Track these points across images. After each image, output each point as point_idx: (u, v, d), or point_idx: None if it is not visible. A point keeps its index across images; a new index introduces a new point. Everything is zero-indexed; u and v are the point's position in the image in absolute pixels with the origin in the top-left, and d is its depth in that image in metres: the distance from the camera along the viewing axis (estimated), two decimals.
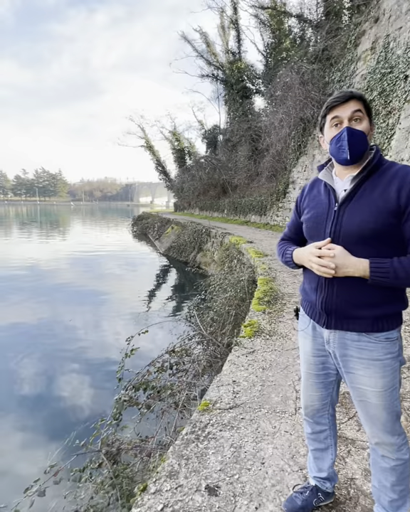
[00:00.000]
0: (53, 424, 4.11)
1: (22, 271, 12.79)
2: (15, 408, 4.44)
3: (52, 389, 4.87)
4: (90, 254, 16.79)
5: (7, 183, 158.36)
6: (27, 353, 6.00)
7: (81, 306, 8.79)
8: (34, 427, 4.07)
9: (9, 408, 4.44)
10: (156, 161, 33.77)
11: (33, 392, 4.79)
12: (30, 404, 4.52)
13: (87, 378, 5.18)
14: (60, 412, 4.34)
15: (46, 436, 3.88)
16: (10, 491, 2.94)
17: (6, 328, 7.17)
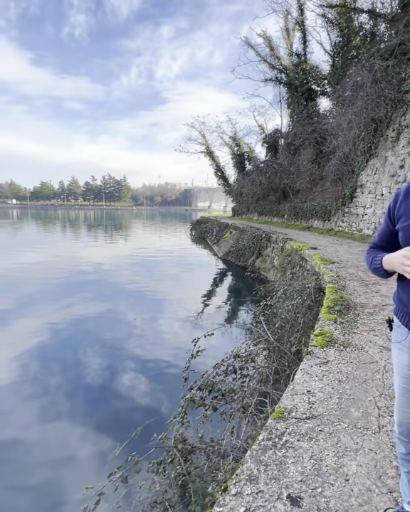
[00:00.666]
0: (118, 415, 4.34)
1: (88, 271, 13.77)
2: (83, 399, 4.76)
3: (116, 382, 5.15)
4: (149, 257, 17.52)
5: (78, 189, 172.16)
6: (93, 347, 6.43)
7: (141, 306, 9.20)
8: (101, 417, 4.31)
9: (78, 398, 4.77)
10: (215, 166, 34.25)
11: (98, 384, 5.11)
12: (97, 396, 4.81)
13: (149, 375, 5.39)
14: (124, 404, 4.56)
15: (113, 426, 4.09)
16: (91, 474, 3.18)
17: (74, 323, 7.75)
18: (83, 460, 3.52)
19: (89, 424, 4.14)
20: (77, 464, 3.46)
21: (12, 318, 8.16)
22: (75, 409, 4.46)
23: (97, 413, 4.37)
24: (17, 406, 4.49)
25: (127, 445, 3.45)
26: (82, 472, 3.36)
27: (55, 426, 4.08)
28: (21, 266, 14.51)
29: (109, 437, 3.85)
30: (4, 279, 12.02)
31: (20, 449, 3.66)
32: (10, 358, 5.92)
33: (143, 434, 3.66)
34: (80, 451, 3.65)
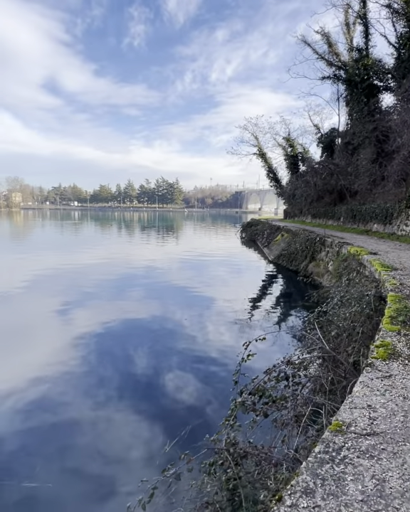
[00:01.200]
0: (167, 412, 4.44)
1: (140, 270, 14.31)
2: (133, 393, 4.93)
3: (165, 379, 5.27)
4: (199, 258, 17.74)
5: (133, 191, 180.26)
6: (144, 344, 6.65)
7: (190, 306, 9.33)
8: (150, 412, 4.44)
9: (128, 392, 4.96)
10: (267, 168, 33.76)
11: (148, 380, 5.26)
12: (146, 391, 4.96)
13: (197, 375, 5.44)
14: (172, 402, 4.65)
15: (162, 423, 4.19)
16: (142, 467, 3.30)
17: (127, 319, 8.09)
18: (135, 452, 3.65)
19: (139, 418, 4.28)
20: (130, 455, 3.60)
21: (72, 312, 8.75)
22: (127, 402, 4.64)
23: (147, 408, 4.51)
24: (75, 394, 4.79)
25: (176, 443, 3.53)
26: (134, 464, 3.49)
27: (108, 417, 4.29)
28: (81, 264, 15.52)
29: (159, 433, 3.96)
30: (67, 277, 12.94)
31: (78, 436, 3.90)
32: (69, 349, 6.34)
33: (191, 433, 3.71)
34: (132, 443, 3.79)
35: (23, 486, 3.01)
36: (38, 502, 2.92)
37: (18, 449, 3.66)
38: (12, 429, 3.96)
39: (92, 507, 2.93)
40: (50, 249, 21.57)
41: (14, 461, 3.46)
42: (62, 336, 7.18)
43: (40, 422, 4.13)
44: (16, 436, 3.86)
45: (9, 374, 5.40)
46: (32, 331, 7.53)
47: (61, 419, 4.18)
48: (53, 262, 15.78)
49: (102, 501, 3.01)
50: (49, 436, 3.89)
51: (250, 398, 3.23)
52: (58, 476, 3.19)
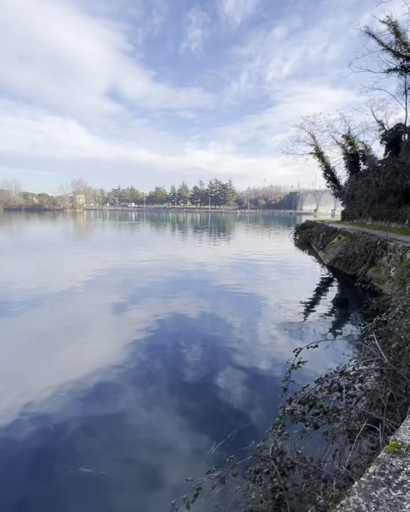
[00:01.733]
0: (213, 413, 4.45)
1: (192, 271, 14.53)
2: (181, 391, 5.01)
3: (213, 380, 5.28)
4: (250, 260, 17.56)
5: (187, 193, 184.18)
6: (193, 344, 6.73)
7: (240, 308, 9.26)
8: (197, 412, 4.48)
9: (177, 390, 5.05)
10: (324, 167, 32.39)
11: (196, 380, 5.31)
12: (193, 391, 5.02)
13: (245, 378, 5.38)
14: (218, 404, 4.65)
15: (208, 424, 4.21)
16: (187, 465, 3.37)
17: (178, 318, 8.26)
18: (181, 449, 3.71)
19: (187, 416, 4.35)
20: (176, 452, 3.67)
21: (127, 308, 9.18)
22: (175, 399, 4.74)
23: (195, 407, 4.57)
24: (127, 387, 5.01)
25: (222, 445, 3.53)
26: (180, 460, 3.55)
27: (158, 412, 4.42)
28: (136, 263, 16.21)
29: (205, 433, 3.98)
30: (123, 274, 13.60)
31: (129, 428, 4.07)
32: (123, 342, 6.66)
33: (237, 437, 3.69)
34: (179, 440, 3.86)
35: (80, 471, 3.22)
36: (92, 487, 3.10)
37: (78, 435, 3.92)
38: (72, 416, 4.26)
39: (139, 498, 3.04)
40: (108, 248, 22.84)
41: (74, 446, 3.72)
42: (118, 330, 7.56)
43: (96, 411, 4.38)
44: (75, 422, 4.15)
45: (70, 363, 5.82)
46: (91, 323, 8.03)
47: (115, 410, 4.40)
48: (111, 260, 16.69)
49: (149, 493, 3.11)
50: (103, 425, 4.11)
51: (299, 407, 3.12)
52: (110, 465, 3.37)
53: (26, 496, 3.09)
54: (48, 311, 8.89)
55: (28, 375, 5.49)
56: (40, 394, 4.77)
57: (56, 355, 6.28)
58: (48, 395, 4.70)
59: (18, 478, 3.28)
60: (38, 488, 3.15)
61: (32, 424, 4.09)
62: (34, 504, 2.99)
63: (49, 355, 6.25)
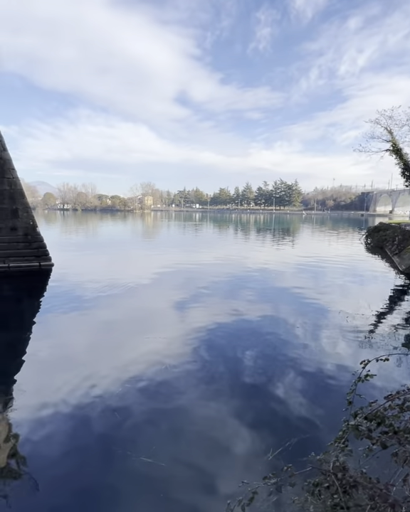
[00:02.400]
0: (272, 419, 4.34)
1: (254, 273, 14.37)
2: (240, 392, 4.98)
3: (272, 384, 5.15)
4: (316, 264, 16.81)
5: (251, 194, 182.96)
6: (253, 346, 6.64)
7: (304, 314, 8.90)
8: (255, 415, 4.41)
9: (236, 390, 5.03)
10: (403, 165, 29.62)
11: (255, 382, 5.23)
12: (252, 393, 4.95)
13: (306, 387, 5.16)
14: (277, 409, 4.52)
15: (266, 428, 4.12)
16: (243, 468, 3.36)
17: (238, 320, 8.22)
18: (237, 450, 3.70)
19: (245, 418, 4.32)
20: (232, 452, 3.67)
21: (188, 306, 9.43)
22: (234, 400, 4.74)
23: (253, 410, 4.51)
24: (187, 384, 5.14)
25: (279, 453, 3.44)
26: (235, 461, 3.53)
27: (216, 411, 4.46)
28: (198, 263, 16.56)
29: (262, 438, 3.92)
30: (185, 274, 14.00)
31: (187, 424, 4.18)
32: (184, 340, 6.84)
33: (296, 446, 3.56)
34: (236, 441, 3.85)
35: (141, 460, 3.40)
36: (152, 477, 3.25)
37: (140, 425, 4.14)
38: (136, 406, 4.51)
39: (195, 493, 3.11)
40: (172, 247, 23.69)
41: (137, 435, 3.93)
42: (179, 327, 7.81)
43: (157, 404, 4.58)
44: (138, 413, 4.38)
45: (135, 356, 6.16)
46: (154, 319, 8.41)
47: (174, 405, 4.55)
48: (174, 259, 17.28)
49: (204, 490, 3.16)
50: (163, 418, 4.28)
51: (365, 423, 2.91)
52: (168, 457, 3.49)
53: (92, 478, 3.34)
54: (116, 306, 9.51)
55: (98, 364, 5.93)
56: (108, 383, 5.13)
57: (123, 347, 6.69)
58: (115, 385, 5.03)
59: (86, 461, 3.57)
60: (103, 471, 3.39)
61: (100, 410, 4.41)
62: (98, 487, 3.22)
63: (116, 347, 6.69)
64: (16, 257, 13.52)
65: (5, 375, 5.63)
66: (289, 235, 39.17)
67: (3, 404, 4.68)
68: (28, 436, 3.98)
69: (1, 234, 13.37)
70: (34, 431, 4.06)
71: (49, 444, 3.83)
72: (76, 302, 9.66)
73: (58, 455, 3.65)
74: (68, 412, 4.40)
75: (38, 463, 3.54)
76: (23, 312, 9.64)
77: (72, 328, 7.81)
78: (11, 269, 13.33)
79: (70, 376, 5.44)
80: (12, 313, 9.48)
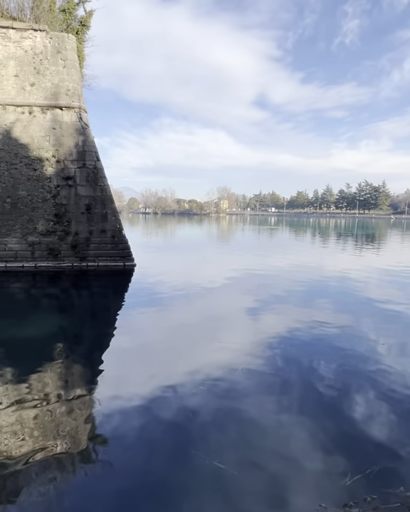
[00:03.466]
0: (349, 440, 4.02)
1: (332, 280, 13.54)
2: (314, 407, 4.70)
3: (350, 403, 4.76)
4: (404, 273, 15.17)
5: (331, 197, 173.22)
6: (330, 359, 6.24)
7: (390, 328, 8.07)
8: (331, 433, 4.11)
9: (309, 404, 4.76)
10: None
11: (331, 399, 4.90)
12: (327, 410, 4.63)
13: (390, 410, 4.66)
14: (356, 430, 4.16)
15: (343, 450, 3.83)
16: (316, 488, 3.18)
17: (313, 330, 7.79)
18: (311, 468, 3.50)
19: (319, 434, 4.08)
20: (304, 469, 3.48)
21: (261, 311, 9.30)
22: (308, 414, 4.51)
23: (328, 428, 4.23)
24: (259, 392, 5.05)
25: (359, 479, 3.17)
26: (308, 481, 3.34)
27: (288, 423, 4.30)
28: (272, 267, 16.21)
29: (339, 460, 3.64)
30: (258, 279, 13.83)
31: (258, 433, 4.11)
32: (256, 345, 6.75)
33: (379, 475, 3.24)
34: (308, 458, 3.64)
35: (214, 464, 3.44)
36: (224, 484, 3.25)
37: (212, 429, 4.19)
38: (208, 409, 4.58)
39: (267, 508, 3.02)
40: (246, 251, 23.61)
41: (208, 439, 3.99)
42: (251, 333, 7.73)
43: (229, 409, 4.59)
44: (210, 416, 4.44)
45: (208, 359, 6.28)
46: (226, 323, 8.47)
47: (246, 412, 4.51)
48: (248, 263, 17.19)
49: (276, 506, 3.06)
50: (235, 424, 4.27)
51: None
52: (239, 465, 3.47)
53: (163, 471, 3.48)
54: (190, 306, 9.83)
55: (173, 362, 6.19)
56: (182, 381, 5.31)
57: (197, 348, 6.88)
58: (189, 386, 5.17)
59: (157, 454, 3.73)
60: (174, 467, 3.50)
61: (173, 407, 4.59)
62: (168, 481, 3.33)
63: (191, 347, 6.90)
64: (105, 257, 14.86)
65: (90, 365, 6.21)
66: (374, 241, 36.05)
67: (87, 390, 5.18)
68: (105, 421, 4.31)
69: (93, 236, 14.84)
70: (111, 418, 4.37)
71: (124, 432, 4.08)
72: (154, 300, 10.24)
73: (132, 443, 3.88)
74: (142, 405, 4.65)
75: (112, 449, 3.80)
76: (109, 307, 10.53)
77: (150, 325, 8.29)
78: (99, 267, 14.69)
79: (147, 371, 5.77)
80: (99, 308, 10.44)
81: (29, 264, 14.25)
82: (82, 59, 17.27)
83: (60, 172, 14.68)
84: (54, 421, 4.31)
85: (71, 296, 11.81)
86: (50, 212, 14.53)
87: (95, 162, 15.05)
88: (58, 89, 14.63)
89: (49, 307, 10.20)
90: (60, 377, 5.60)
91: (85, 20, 17.14)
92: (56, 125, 14.66)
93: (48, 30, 14.53)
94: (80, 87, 15.34)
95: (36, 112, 14.51)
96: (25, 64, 14.38)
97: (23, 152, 14.39)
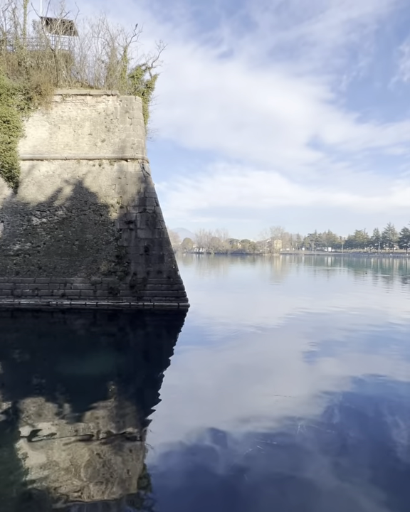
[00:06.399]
0: None
1: (397, 326, 12.39)
2: (379, 478, 4.14)
3: None
4: None
5: (394, 236, 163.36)
6: (400, 417, 5.53)
7: None
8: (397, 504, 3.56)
9: (376, 468, 4.21)
10: None
11: (401, 463, 4.28)
12: (397, 475, 4.04)
13: None
14: None
15: None
16: None
17: (379, 382, 7.04)
18: None
19: (384, 499, 3.55)
20: None
21: (318, 356, 8.72)
22: (373, 482, 3.96)
23: (399, 502, 3.67)
24: (318, 452, 4.59)
25: None
26: None
27: (350, 490, 3.81)
28: (330, 311, 15.33)
29: None
30: (314, 322, 13.12)
31: (313, 498, 3.69)
32: (314, 401, 6.22)
33: None
34: None
35: None
36: None
37: (263, 488, 3.87)
38: (260, 466, 4.26)
39: None
40: (301, 292, 22.75)
41: (260, 500, 3.67)
42: (308, 382, 7.20)
43: (284, 469, 4.21)
44: (262, 474, 4.12)
45: (259, 408, 5.93)
46: (280, 369, 8.02)
47: (302, 475, 4.07)
48: (303, 305, 16.47)
49: None
50: (289, 487, 3.89)
51: None
52: None
53: None
54: (242, 349, 9.54)
55: (225, 410, 5.92)
56: (234, 433, 5.01)
57: (248, 395, 6.50)
58: (241, 438, 4.85)
59: (205, 506, 3.49)
60: None
61: (225, 463, 4.31)
62: None
63: (242, 394, 6.58)
64: (160, 297, 15.29)
65: (142, 405, 6.21)
66: None
67: (138, 431, 5.13)
68: (153, 466, 4.22)
69: (150, 276, 15.48)
70: (159, 463, 4.27)
71: (171, 480, 3.94)
72: (207, 341, 10.14)
73: (178, 495, 3.71)
74: (192, 453, 4.46)
75: (158, 496, 3.68)
76: (162, 346, 10.64)
77: (202, 367, 8.15)
78: (155, 307, 15.10)
79: (198, 416, 5.60)
80: (153, 347, 10.58)
81: (91, 302, 15.14)
82: (147, 116, 19.33)
83: (123, 217, 15.92)
84: (103, 461, 4.30)
85: (127, 334, 12.17)
86: (112, 254, 15.60)
87: (155, 207, 16.13)
88: (125, 144, 16.37)
89: (107, 345, 10.57)
90: (111, 416, 5.64)
91: (150, 83, 19.41)
92: (121, 175, 16.20)
93: (118, 95, 16.67)
94: (143, 141, 17.01)
95: (105, 164, 16.26)
96: (98, 123, 16.46)
97: (91, 199, 15.99)
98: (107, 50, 18.03)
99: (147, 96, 19.50)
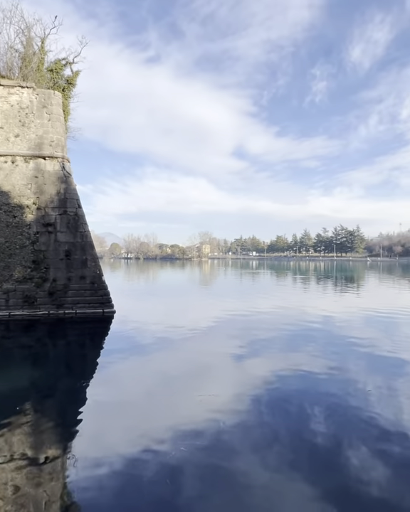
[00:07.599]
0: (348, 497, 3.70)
1: (315, 324, 13.44)
2: (302, 464, 4.37)
3: (347, 457, 4.45)
4: (387, 315, 15.28)
5: (309, 241, 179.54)
6: (320, 408, 5.96)
7: (377, 374, 7.86)
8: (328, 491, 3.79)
9: (299, 461, 4.41)
10: None
11: (325, 452, 4.58)
12: (322, 464, 4.31)
13: (388, 460, 4.38)
14: (357, 487, 3.84)
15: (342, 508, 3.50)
16: None
17: (299, 376, 7.52)
18: None
19: (310, 491, 3.73)
20: None
21: (244, 361, 8.95)
22: (297, 469, 4.16)
23: (319, 484, 3.90)
24: (245, 446, 4.67)
25: None
26: None
27: (277, 478, 3.94)
28: (255, 312, 16.04)
29: None
30: (241, 324, 13.60)
31: (244, 492, 3.72)
32: (240, 400, 6.37)
33: None
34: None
35: None
36: None
37: (195, 490, 3.78)
38: (190, 468, 4.16)
39: None
40: (228, 295, 23.47)
41: (192, 502, 3.57)
42: (235, 383, 7.36)
43: (215, 468, 4.19)
44: (192, 476, 4.02)
45: (188, 410, 5.86)
46: (207, 372, 8.07)
47: (231, 470, 4.11)
48: (230, 308, 16.97)
49: None
50: (221, 484, 3.87)
51: None
52: None
53: None
54: (171, 354, 9.39)
55: (153, 419, 5.72)
56: (163, 440, 4.85)
57: (177, 399, 6.42)
58: (169, 444, 4.71)
59: None
60: None
61: (155, 472, 4.12)
62: None
63: (171, 399, 6.45)
64: (83, 304, 14.37)
65: (63, 421, 5.67)
66: (353, 283, 36.80)
67: (60, 451, 4.65)
68: (79, 488, 3.84)
69: (72, 282, 14.47)
70: (86, 484, 3.91)
71: (101, 500, 3.67)
72: (134, 349, 9.77)
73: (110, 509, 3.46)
74: (121, 468, 4.19)
75: None
76: (86, 357, 9.95)
77: (129, 376, 7.79)
78: (77, 315, 14.13)
79: (126, 427, 5.30)
80: (75, 358, 9.83)
81: (2, 312, 13.57)
82: (68, 113, 18.20)
83: (40, 219, 14.66)
84: (22, 487, 3.78)
85: (45, 345, 11.14)
86: (27, 259, 14.23)
87: (76, 209, 15.19)
88: (42, 141, 15.15)
89: (21, 358, 9.52)
90: (29, 436, 5.03)
91: (72, 79, 18.36)
92: (39, 174, 14.94)
93: (34, 87, 15.40)
94: (64, 139, 15.95)
95: (19, 162, 14.83)
96: (11, 117, 14.98)
97: (3, 199, 14.42)
98: (22, 39, 16.58)
99: (68, 92, 18.41)
